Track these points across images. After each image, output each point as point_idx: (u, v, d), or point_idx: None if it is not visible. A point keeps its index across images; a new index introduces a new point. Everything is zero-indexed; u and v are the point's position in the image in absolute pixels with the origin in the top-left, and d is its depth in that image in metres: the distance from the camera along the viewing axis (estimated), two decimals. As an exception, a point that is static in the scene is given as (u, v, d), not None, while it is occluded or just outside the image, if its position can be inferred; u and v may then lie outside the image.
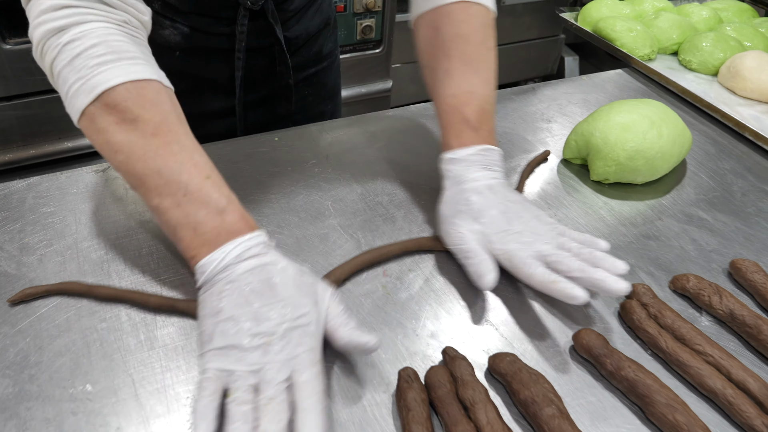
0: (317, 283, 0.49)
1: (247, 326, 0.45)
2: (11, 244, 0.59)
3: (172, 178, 0.50)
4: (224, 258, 0.48)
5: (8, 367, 0.47)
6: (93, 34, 0.51)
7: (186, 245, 0.50)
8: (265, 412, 0.41)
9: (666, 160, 0.69)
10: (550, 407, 0.44)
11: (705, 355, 0.50)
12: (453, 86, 0.63)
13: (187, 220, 0.49)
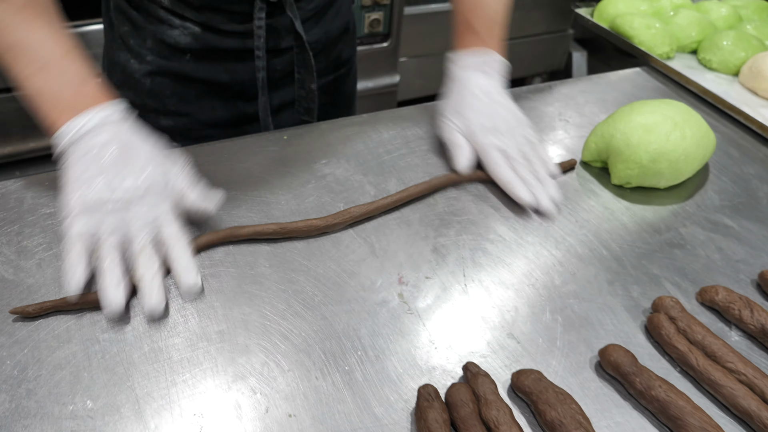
0: (168, 153, 0.55)
1: (106, 192, 0.50)
2: (9, 248, 0.56)
3: (34, 50, 0.53)
4: (83, 126, 0.52)
5: (5, 381, 0.45)
6: None
7: (45, 113, 0.53)
8: (136, 263, 0.49)
9: (690, 162, 0.66)
10: (578, 430, 0.42)
11: (738, 374, 0.48)
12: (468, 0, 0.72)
13: (47, 88, 0.53)
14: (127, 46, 0.74)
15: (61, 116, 0.52)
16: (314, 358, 0.48)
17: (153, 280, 0.49)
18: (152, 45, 0.73)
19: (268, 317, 0.51)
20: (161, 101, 0.77)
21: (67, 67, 0.54)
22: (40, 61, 0.53)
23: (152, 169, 0.53)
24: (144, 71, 0.75)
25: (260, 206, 0.62)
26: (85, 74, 0.55)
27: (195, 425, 0.43)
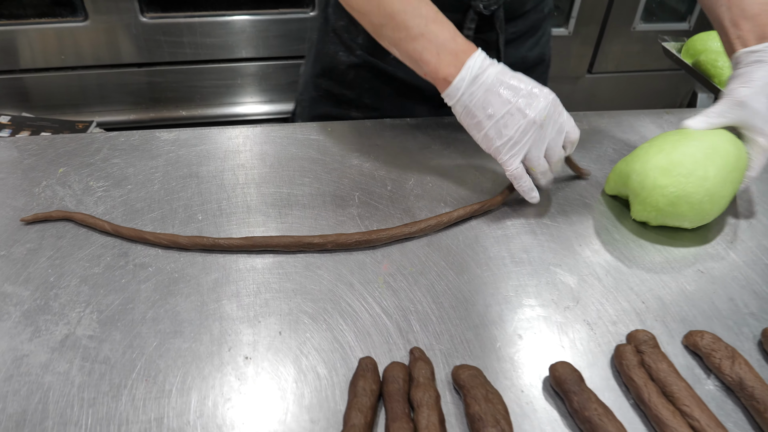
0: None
1: (521, 114, 0.59)
2: (78, 185, 0.68)
3: (416, 13, 0.60)
4: (471, 70, 0.59)
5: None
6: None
7: (433, 68, 0.60)
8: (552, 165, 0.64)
9: (716, 202, 0.63)
10: (494, 427, 0.44)
11: (690, 418, 0.47)
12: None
13: (430, 45, 0.60)
14: (340, 39, 0.84)
15: (449, 68, 0.60)
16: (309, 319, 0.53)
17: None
18: (363, 41, 0.82)
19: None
20: (359, 93, 0.86)
21: (443, 25, 0.61)
22: (422, 23, 0.60)
23: (546, 92, 0.60)
24: (350, 63, 0.84)
25: (285, 183, 0.69)
26: (454, 30, 0.61)
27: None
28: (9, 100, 1.53)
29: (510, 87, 0.59)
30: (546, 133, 0.61)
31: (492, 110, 0.60)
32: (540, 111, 0.59)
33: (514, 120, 0.59)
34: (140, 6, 1.45)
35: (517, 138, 0.60)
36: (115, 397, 0.47)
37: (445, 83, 0.60)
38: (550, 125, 0.61)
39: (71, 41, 1.48)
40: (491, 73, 0.60)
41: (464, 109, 0.61)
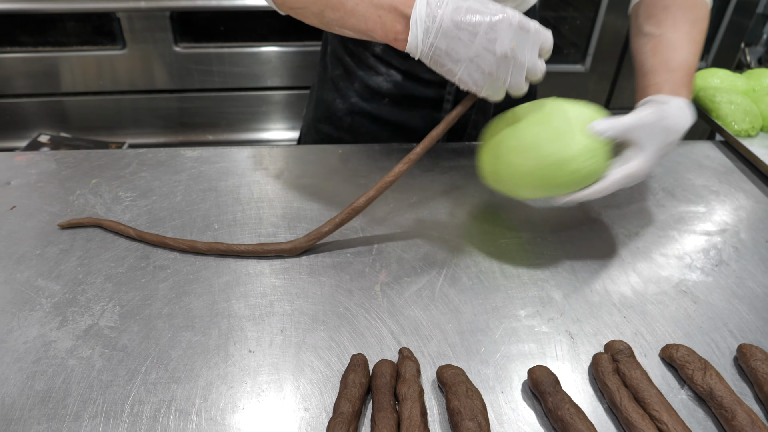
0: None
1: (489, 51, 0.55)
2: (108, 194, 0.74)
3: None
4: (418, 20, 0.55)
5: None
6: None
7: (382, 34, 0.58)
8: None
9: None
10: (471, 421, 0.47)
11: (659, 422, 0.50)
12: (674, 54, 0.71)
13: (370, 12, 0.57)
14: (336, 87, 0.91)
15: (397, 26, 0.57)
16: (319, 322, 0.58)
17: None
18: (358, 88, 0.89)
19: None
20: (356, 138, 0.92)
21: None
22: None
23: (509, 13, 0.55)
24: (346, 110, 0.91)
25: (292, 194, 0.74)
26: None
27: (180, 342, 0.55)
28: (49, 120, 1.64)
29: (468, 26, 0.54)
30: (520, 59, 0.56)
31: (457, 55, 0.56)
32: (507, 43, 0.55)
33: (483, 60, 0.55)
34: (174, 37, 1.55)
35: (494, 74, 0.56)
36: (130, 381, 0.52)
37: (401, 42, 0.58)
38: (522, 50, 0.56)
39: (109, 68, 1.59)
40: (443, 17, 0.55)
41: (430, 60, 0.58)
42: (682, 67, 0.70)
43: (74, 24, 1.55)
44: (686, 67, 0.71)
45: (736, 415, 0.50)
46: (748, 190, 0.83)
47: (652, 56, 0.73)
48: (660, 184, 0.83)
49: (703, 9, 0.76)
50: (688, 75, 0.70)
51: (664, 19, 0.75)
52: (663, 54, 0.73)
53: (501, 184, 0.67)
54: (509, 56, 0.55)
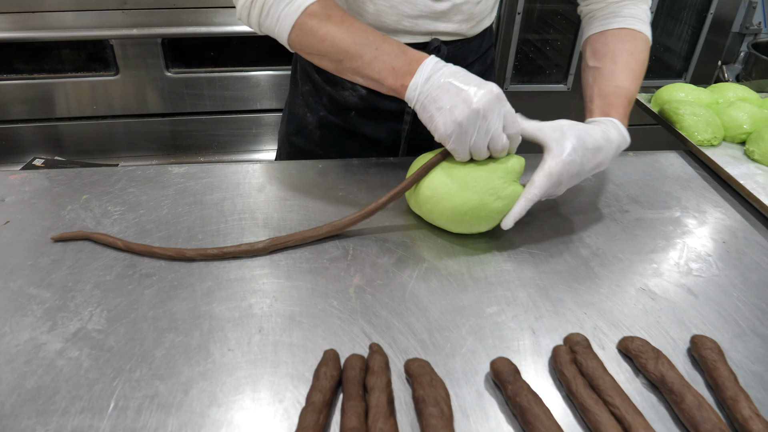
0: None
1: (466, 106, 0.64)
2: (98, 209, 0.78)
3: (365, 42, 0.69)
4: (422, 74, 0.66)
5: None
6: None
7: (392, 83, 0.68)
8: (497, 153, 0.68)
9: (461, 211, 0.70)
10: (435, 407, 0.51)
11: (612, 406, 0.53)
12: (608, 83, 0.80)
13: (386, 65, 0.68)
14: (306, 102, 0.97)
15: (405, 77, 0.67)
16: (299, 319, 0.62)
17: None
18: (326, 102, 0.95)
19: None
20: (326, 150, 0.98)
21: (391, 46, 0.69)
22: (373, 47, 0.69)
23: (490, 87, 0.65)
24: (316, 123, 0.97)
25: (276, 206, 0.78)
26: (402, 46, 0.69)
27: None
28: (44, 145, 1.68)
29: (458, 83, 0.65)
30: (489, 123, 0.65)
31: (441, 103, 0.65)
32: (482, 101, 0.63)
33: (459, 110, 0.64)
34: (166, 62, 1.61)
35: (464, 126, 0.64)
36: (115, 378, 0.55)
37: (404, 89, 0.67)
38: (492, 116, 0.65)
39: (103, 93, 1.64)
40: (444, 73, 0.66)
41: (420, 105, 0.66)
42: (614, 93, 0.78)
43: (69, 51, 1.61)
44: (619, 92, 0.78)
45: (684, 398, 0.53)
46: (708, 197, 0.87)
47: (591, 87, 0.81)
48: (625, 191, 0.87)
49: (641, 42, 0.83)
50: (619, 98, 0.77)
51: (604, 53, 0.82)
52: (599, 83, 0.80)
53: (432, 223, 0.75)
54: (480, 112, 0.64)
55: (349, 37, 0.69)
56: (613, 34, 0.84)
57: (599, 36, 0.86)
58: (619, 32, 0.84)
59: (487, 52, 0.98)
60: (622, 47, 0.82)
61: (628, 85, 0.79)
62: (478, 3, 0.85)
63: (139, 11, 1.56)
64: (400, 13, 0.82)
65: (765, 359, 0.60)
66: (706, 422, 0.51)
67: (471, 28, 0.88)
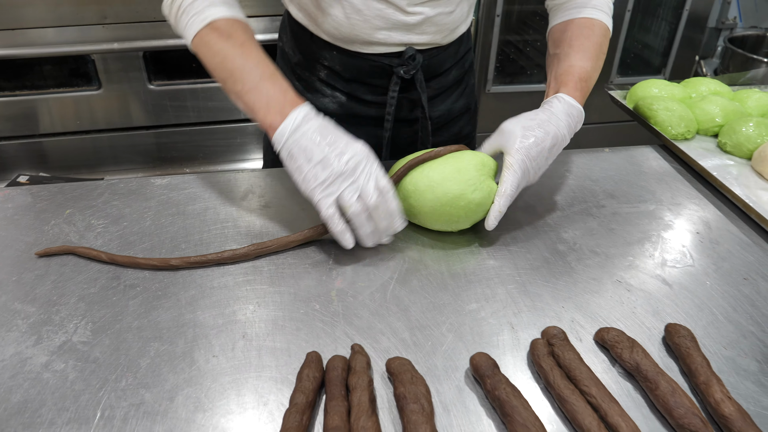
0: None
1: (337, 160, 0.66)
2: (82, 223, 0.79)
3: (252, 70, 0.70)
4: (294, 120, 0.67)
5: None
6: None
7: (262, 116, 0.69)
8: (376, 217, 0.68)
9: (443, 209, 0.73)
10: (415, 404, 0.52)
11: (589, 396, 0.54)
12: (562, 64, 0.82)
13: (261, 97, 0.69)
14: None
15: (276, 117, 0.68)
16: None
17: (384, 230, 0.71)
18: None
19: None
20: None
21: (275, 82, 0.70)
22: (256, 78, 0.70)
23: (360, 144, 0.68)
24: None
25: (256, 213, 0.80)
26: (287, 86, 0.71)
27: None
28: (28, 161, 1.69)
29: (328, 139, 0.67)
30: (358, 180, 0.66)
31: (310, 155, 0.66)
32: (350, 161, 0.66)
33: (327, 166, 0.66)
34: (148, 75, 1.62)
35: (329, 182, 0.66)
36: (101, 389, 0.56)
37: (272, 130, 0.68)
38: (362, 174, 0.67)
39: (86, 108, 1.64)
40: (313, 126, 0.67)
41: (288, 153, 0.68)
42: (567, 71, 0.80)
43: (51, 67, 1.61)
44: (571, 70, 0.80)
45: (659, 385, 0.55)
46: (683, 189, 0.89)
47: (548, 72, 0.84)
48: (601, 187, 0.89)
49: (598, 28, 0.85)
50: (570, 75, 0.80)
51: (562, 40, 0.85)
52: (554, 67, 0.82)
53: (414, 220, 0.76)
54: (346, 171, 0.66)
55: (239, 61, 0.71)
56: (572, 23, 0.86)
57: (559, 26, 0.88)
58: (577, 21, 0.86)
59: (465, 56, 1.00)
60: (579, 33, 0.85)
61: (581, 63, 0.81)
62: (450, 13, 0.86)
63: (119, 25, 1.57)
64: (373, 26, 0.84)
65: (737, 344, 0.62)
66: (680, 407, 0.53)
67: (445, 37, 0.90)
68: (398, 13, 0.82)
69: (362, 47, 0.87)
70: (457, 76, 0.98)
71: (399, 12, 0.82)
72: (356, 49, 0.87)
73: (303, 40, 0.91)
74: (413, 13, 0.83)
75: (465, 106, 1.02)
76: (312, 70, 0.92)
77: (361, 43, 0.86)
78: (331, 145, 0.67)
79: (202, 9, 0.73)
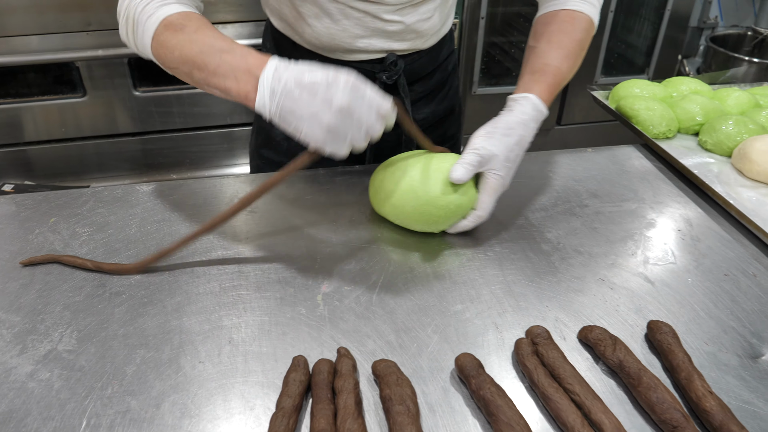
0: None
1: (328, 110, 0.60)
2: (66, 231, 0.78)
3: (211, 50, 0.66)
4: (266, 83, 0.62)
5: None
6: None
7: (236, 92, 0.64)
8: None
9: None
10: (401, 405, 0.52)
11: (572, 393, 0.55)
12: (538, 60, 0.81)
13: (227, 73, 0.64)
14: None
15: (249, 87, 0.63)
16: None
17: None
18: None
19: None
20: (294, 160, 0.98)
21: (231, 56, 0.65)
22: (215, 61, 0.65)
23: (344, 74, 0.61)
24: (283, 135, 0.97)
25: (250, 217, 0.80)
26: (245, 51, 0.65)
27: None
28: (13, 170, 1.67)
29: (308, 86, 0.60)
30: (360, 116, 0.61)
31: (300, 112, 0.61)
32: (342, 96, 0.59)
33: (323, 114, 0.60)
34: (133, 81, 1.61)
35: (332, 135, 0.61)
36: (87, 397, 0.56)
37: (251, 101, 0.63)
38: (361, 107, 0.61)
39: (71, 115, 1.63)
40: (288, 79, 0.61)
41: (279, 119, 0.63)
42: (542, 70, 0.80)
43: (35, 75, 1.60)
44: (546, 69, 0.80)
45: (641, 381, 0.56)
46: (664, 188, 0.90)
47: (524, 65, 0.83)
48: (584, 186, 0.90)
49: (581, 22, 0.84)
50: (545, 75, 0.80)
51: (543, 33, 0.84)
52: (531, 61, 0.82)
53: (395, 220, 0.77)
54: (345, 111, 0.60)
55: (196, 47, 0.67)
56: (554, 15, 0.85)
57: (542, 17, 0.87)
58: (560, 13, 0.85)
59: (448, 59, 1.01)
60: (559, 27, 0.84)
61: (557, 63, 0.81)
62: (429, 18, 0.87)
63: (103, 32, 1.57)
64: (353, 35, 0.84)
65: (718, 340, 0.63)
66: (662, 402, 0.54)
67: (425, 41, 0.90)
68: (377, 22, 0.83)
69: (343, 55, 0.87)
70: (440, 79, 0.99)
71: (377, 20, 0.83)
72: (338, 57, 0.88)
73: (285, 48, 0.92)
74: (392, 21, 0.83)
75: (449, 109, 1.03)
76: None
77: (342, 51, 0.87)
78: (314, 94, 0.60)
79: (153, 11, 0.70)
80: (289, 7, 0.84)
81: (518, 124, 0.75)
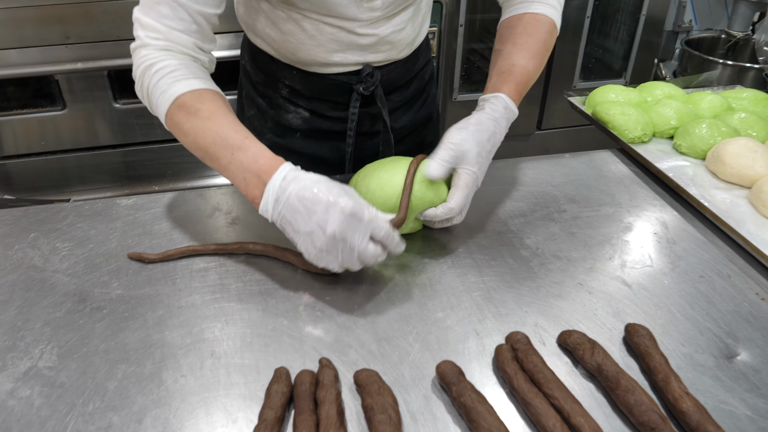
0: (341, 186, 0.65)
1: (323, 232, 0.62)
2: (46, 246, 0.78)
3: (224, 144, 0.67)
4: (272, 191, 0.64)
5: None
6: (172, 63, 0.71)
7: (244, 192, 0.67)
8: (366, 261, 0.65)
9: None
10: (383, 414, 0.53)
11: (552, 398, 0.56)
12: (505, 62, 0.83)
13: (237, 171, 0.66)
14: (252, 126, 0.98)
15: (256, 191, 0.65)
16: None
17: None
18: (271, 125, 0.97)
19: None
20: None
21: (244, 154, 0.66)
22: (230, 151, 0.67)
23: (341, 204, 0.62)
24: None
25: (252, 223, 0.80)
26: (257, 152, 0.67)
27: (116, 374, 0.59)
28: (-7, 184, 1.66)
29: (309, 203, 0.62)
30: (351, 243, 0.62)
31: (297, 227, 0.63)
32: (337, 226, 0.61)
33: (316, 236, 0.62)
34: (113, 94, 1.61)
35: (326, 250, 0.63)
36: (68, 414, 0.55)
37: (256, 205, 0.66)
38: (353, 236, 0.62)
39: (51, 128, 1.62)
40: (291, 192, 0.63)
41: (279, 224, 0.65)
42: (509, 70, 0.82)
43: (14, 89, 1.59)
44: (513, 69, 0.82)
45: (619, 384, 0.57)
46: (641, 192, 0.92)
47: (491, 68, 0.85)
48: (562, 192, 0.91)
49: (544, 24, 0.86)
50: (512, 75, 0.81)
51: (508, 36, 0.86)
52: (497, 64, 0.84)
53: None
54: (337, 238, 0.62)
55: (210, 137, 0.68)
56: (518, 19, 0.87)
57: (507, 21, 0.89)
58: (524, 17, 0.87)
59: (425, 68, 1.02)
60: (524, 30, 0.85)
61: (523, 63, 0.82)
62: (402, 30, 0.88)
63: (83, 45, 1.56)
64: (329, 50, 0.85)
65: (694, 341, 0.64)
66: (640, 405, 0.55)
67: (401, 51, 0.91)
68: (351, 36, 0.84)
69: (320, 68, 0.88)
70: (418, 88, 1.00)
71: (351, 35, 0.84)
72: (315, 70, 0.89)
73: (263, 61, 0.92)
74: (366, 35, 0.84)
75: (427, 116, 1.04)
76: (274, 88, 0.93)
77: (318, 65, 0.88)
78: (312, 213, 0.62)
79: (167, 88, 0.70)
80: (265, 23, 0.85)
81: (490, 121, 0.76)
